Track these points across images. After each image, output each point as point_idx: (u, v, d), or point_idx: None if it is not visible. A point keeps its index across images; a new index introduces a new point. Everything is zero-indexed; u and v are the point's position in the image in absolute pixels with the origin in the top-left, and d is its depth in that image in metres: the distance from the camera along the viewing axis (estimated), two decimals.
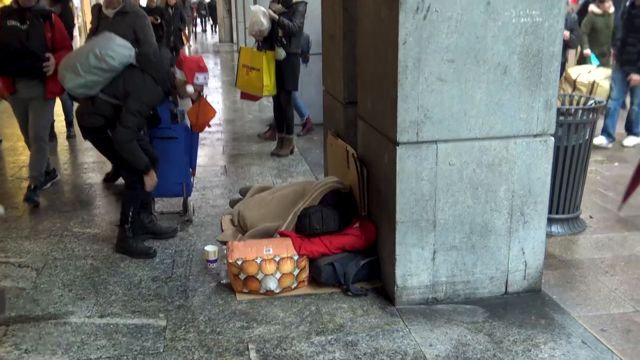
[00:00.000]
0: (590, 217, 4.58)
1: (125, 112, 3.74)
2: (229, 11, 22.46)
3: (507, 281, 3.41)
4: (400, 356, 2.88)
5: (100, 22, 5.26)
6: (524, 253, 3.38)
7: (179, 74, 3.97)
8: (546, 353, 2.88)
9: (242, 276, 3.48)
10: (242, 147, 7.12)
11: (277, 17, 6.12)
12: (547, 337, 3.02)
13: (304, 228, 3.66)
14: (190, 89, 3.94)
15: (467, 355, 2.88)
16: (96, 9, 5.40)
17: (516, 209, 3.31)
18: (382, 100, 3.33)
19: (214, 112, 4.63)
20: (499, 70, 3.10)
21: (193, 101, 4.63)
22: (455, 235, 3.30)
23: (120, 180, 5.36)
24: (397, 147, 3.13)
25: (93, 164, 6.40)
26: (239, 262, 3.47)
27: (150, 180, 3.98)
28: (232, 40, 22.04)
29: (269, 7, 6.28)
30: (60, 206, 5.18)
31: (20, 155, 6.79)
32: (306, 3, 6.26)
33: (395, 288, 3.33)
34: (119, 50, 3.79)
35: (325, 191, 3.94)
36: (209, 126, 4.71)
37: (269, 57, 6.23)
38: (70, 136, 7.64)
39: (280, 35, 6.18)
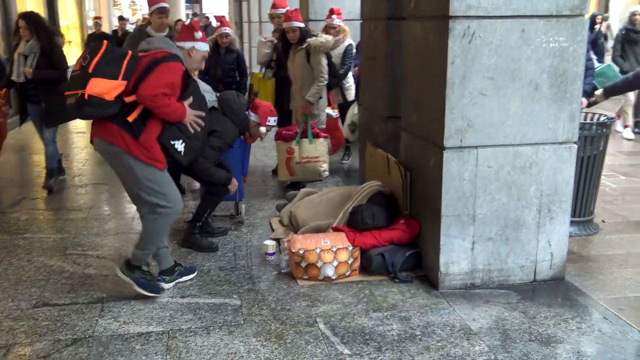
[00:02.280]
0: (603, 221, 5.09)
1: (207, 147, 4.29)
2: (241, 36, 23.16)
3: (535, 270, 3.90)
4: (449, 328, 3.36)
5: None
6: (550, 245, 3.87)
7: (253, 117, 4.59)
8: (574, 326, 3.37)
9: (303, 264, 3.96)
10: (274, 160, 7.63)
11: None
12: (573, 314, 3.51)
13: (356, 223, 4.16)
14: (263, 130, 4.50)
15: (507, 327, 3.36)
16: (142, 34, 5.66)
17: (544, 206, 3.81)
18: (428, 112, 3.85)
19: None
20: (531, 86, 3.63)
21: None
22: (492, 228, 3.79)
23: None
24: (444, 152, 3.64)
25: None
26: (301, 252, 3.95)
27: (233, 187, 4.58)
28: None
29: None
30: (119, 209, 5.68)
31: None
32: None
33: (439, 274, 3.81)
34: (206, 96, 4.16)
35: (371, 193, 4.44)
36: (261, 139, 5.22)
37: (268, 82, 6.88)
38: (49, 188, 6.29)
39: (274, 59, 6.79)
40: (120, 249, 4.64)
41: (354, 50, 6.59)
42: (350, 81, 6.88)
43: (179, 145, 3.62)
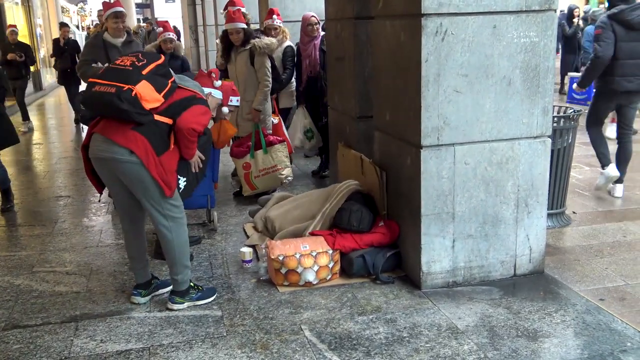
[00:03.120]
0: (574, 212, 5.16)
1: None
2: (196, 40, 22.90)
3: (515, 264, 3.92)
4: (436, 328, 3.34)
5: (108, 52, 5.54)
6: (528, 239, 3.90)
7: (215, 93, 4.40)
8: (558, 319, 3.39)
9: (283, 270, 3.89)
10: None
11: None
12: (556, 307, 3.53)
13: (341, 221, 4.11)
14: (225, 110, 4.36)
15: (493, 324, 3.36)
16: (99, 41, 5.58)
17: (521, 201, 3.83)
18: (403, 111, 3.83)
19: (233, 130, 5.06)
20: (504, 82, 3.64)
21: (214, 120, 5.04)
22: (471, 225, 3.79)
23: None
24: (422, 150, 3.62)
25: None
26: (281, 258, 3.88)
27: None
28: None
29: None
30: (85, 222, 5.51)
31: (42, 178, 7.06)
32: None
33: (421, 274, 3.79)
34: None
35: (350, 192, 4.39)
36: (229, 144, 5.12)
37: None
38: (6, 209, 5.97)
39: None
40: (91, 264, 4.49)
41: (294, 53, 6.44)
42: (294, 85, 6.71)
43: (182, 182, 3.60)
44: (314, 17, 6.30)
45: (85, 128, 8.28)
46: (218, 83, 3.92)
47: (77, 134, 10.37)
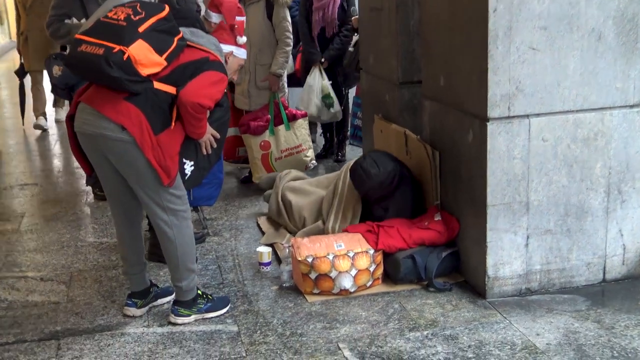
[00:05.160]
0: None
1: None
2: None
3: (605, 267, 3.88)
4: (509, 347, 3.31)
5: (85, 4, 5.49)
6: (622, 235, 3.85)
7: (215, 18, 4.28)
8: None
9: (312, 275, 3.88)
10: None
11: None
12: None
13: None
14: (243, 39, 4.26)
15: (580, 342, 3.32)
16: None
17: (613, 187, 3.78)
18: (463, 75, 3.78)
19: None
20: (593, 36, 3.58)
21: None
22: (550, 218, 3.75)
23: None
24: (488, 123, 3.58)
25: (78, 169, 6.72)
26: (310, 260, 3.86)
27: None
28: None
29: None
30: (61, 216, 5.51)
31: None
32: None
33: (486, 279, 3.76)
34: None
35: None
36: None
37: None
38: None
39: None
40: (70, 267, 4.50)
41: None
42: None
43: (188, 167, 3.55)
44: None
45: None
46: (242, 39, 3.87)
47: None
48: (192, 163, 3.57)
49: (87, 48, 3.25)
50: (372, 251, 3.93)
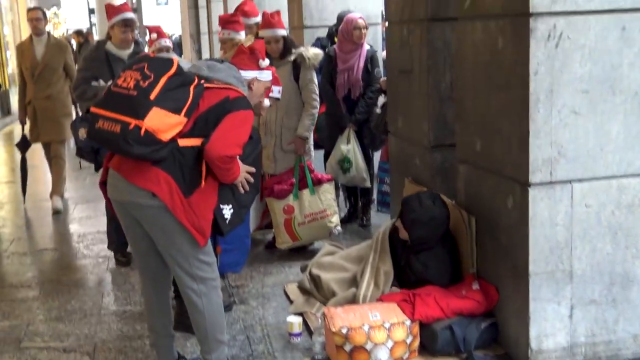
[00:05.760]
0: None
1: None
2: (199, 51, 23.16)
3: None
4: None
5: (113, 66, 5.52)
6: None
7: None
8: None
9: (347, 347, 3.74)
10: None
11: None
12: None
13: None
14: (266, 103, 4.23)
15: None
16: (101, 53, 5.58)
17: None
18: (501, 139, 3.70)
19: None
20: (636, 100, 3.52)
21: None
22: (594, 287, 3.62)
23: None
24: (529, 189, 3.49)
25: (98, 234, 6.65)
26: (344, 331, 3.73)
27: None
28: None
29: None
30: (82, 283, 5.43)
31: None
32: None
33: (530, 352, 3.62)
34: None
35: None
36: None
37: None
38: None
39: None
40: (93, 337, 4.39)
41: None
42: None
43: (227, 212, 3.46)
44: (362, 19, 6.24)
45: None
46: (265, 63, 3.75)
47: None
48: (230, 206, 3.48)
49: (104, 125, 3.20)
50: (408, 322, 3.80)
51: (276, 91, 4.39)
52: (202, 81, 3.39)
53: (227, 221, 3.47)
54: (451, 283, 4.12)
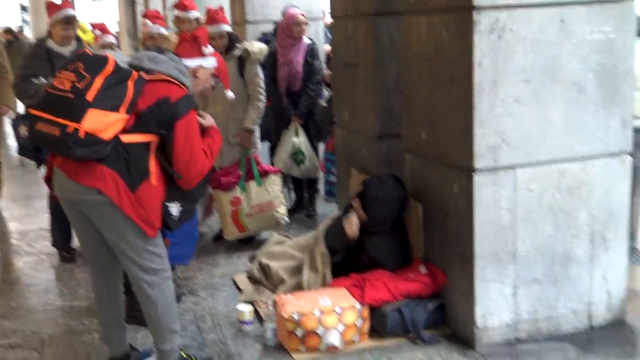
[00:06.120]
0: None
1: None
2: (137, 49, 22.84)
3: (590, 314, 3.93)
4: None
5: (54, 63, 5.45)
6: (606, 281, 3.92)
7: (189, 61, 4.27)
8: None
9: (299, 332, 3.82)
10: None
11: None
12: None
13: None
14: (230, 94, 4.22)
15: None
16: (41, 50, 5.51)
17: (597, 234, 3.86)
18: (446, 128, 3.85)
19: None
20: (575, 89, 3.70)
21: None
22: (537, 267, 3.80)
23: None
24: (475, 175, 3.63)
25: (40, 231, 6.56)
26: (296, 317, 3.81)
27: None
28: None
29: None
30: (26, 280, 5.36)
31: None
32: None
33: (475, 330, 3.77)
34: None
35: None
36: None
37: None
38: None
39: None
40: (40, 332, 4.35)
41: None
42: None
43: (175, 209, 3.49)
44: (303, 15, 6.34)
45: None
46: (209, 50, 3.74)
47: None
48: (178, 204, 3.51)
49: (44, 127, 3.18)
50: (358, 306, 3.91)
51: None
52: (143, 74, 3.36)
53: (174, 219, 3.51)
54: (401, 267, 4.24)
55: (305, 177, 6.56)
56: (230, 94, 4.00)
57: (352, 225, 4.28)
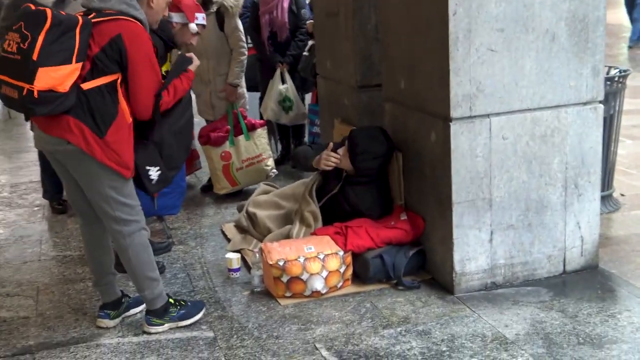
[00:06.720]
0: (622, 195, 5.34)
1: None
2: None
3: (565, 259, 4.06)
4: (480, 338, 3.46)
5: None
6: (580, 228, 4.04)
7: (176, 18, 4.37)
8: (625, 321, 3.53)
9: (284, 278, 3.96)
10: None
11: None
12: (619, 307, 3.68)
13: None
14: (193, 28, 4.29)
15: (547, 330, 3.49)
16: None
17: (570, 181, 3.97)
18: (424, 77, 3.92)
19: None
20: (547, 37, 3.76)
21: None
22: (512, 213, 3.91)
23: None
24: (451, 123, 3.72)
25: (31, 184, 6.67)
26: (281, 264, 3.95)
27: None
28: None
29: None
30: (19, 231, 5.48)
31: None
32: None
33: (454, 275, 3.90)
34: None
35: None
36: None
37: None
38: None
39: None
40: (35, 282, 4.49)
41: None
42: None
43: (154, 173, 3.60)
44: None
45: None
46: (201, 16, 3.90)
47: None
48: (157, 168, 3.62)
49: (6, 90, 3.25)
50: (341, 252, 4.04)
51: (200, 17, 4.49)
52: (91, 16, 3.39)
53: (152, 182, 3.62)
54: (383, 215, 4.36)
55: (293, 123, 6.65)
56: (192, 26, 4.07)
57: (329, 162, 4.37)
